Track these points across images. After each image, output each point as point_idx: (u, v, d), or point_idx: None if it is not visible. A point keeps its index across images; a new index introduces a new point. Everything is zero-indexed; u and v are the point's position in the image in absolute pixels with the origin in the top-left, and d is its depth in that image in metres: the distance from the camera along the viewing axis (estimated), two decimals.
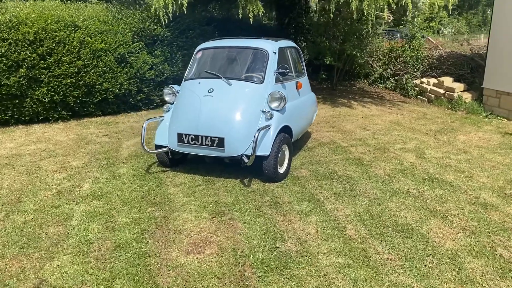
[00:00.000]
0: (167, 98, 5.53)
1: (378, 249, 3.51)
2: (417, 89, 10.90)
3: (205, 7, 11.45)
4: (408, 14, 9.72)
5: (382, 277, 3.13)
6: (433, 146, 6.52)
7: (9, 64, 7.30)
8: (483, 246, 3.56)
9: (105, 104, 8.50)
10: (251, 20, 8.21)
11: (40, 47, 7.51)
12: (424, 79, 10.93)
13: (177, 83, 5.83)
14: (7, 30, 7.31)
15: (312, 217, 4.08)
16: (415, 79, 11.20)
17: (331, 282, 3.08)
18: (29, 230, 3.87)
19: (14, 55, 7.31)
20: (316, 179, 5.08)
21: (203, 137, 4.85)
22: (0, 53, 7.20)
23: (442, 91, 10.06)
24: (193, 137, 4.90)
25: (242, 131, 4.84)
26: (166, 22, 8.32)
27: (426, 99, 10.47)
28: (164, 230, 3.86)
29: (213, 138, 4.81)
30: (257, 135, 4.63)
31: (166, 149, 5.18)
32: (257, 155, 4.72)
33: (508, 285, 3.05)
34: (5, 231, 3.85)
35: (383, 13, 8.89)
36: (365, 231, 3.81)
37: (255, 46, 5.51)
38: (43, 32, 7.55)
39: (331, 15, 8.89)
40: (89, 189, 4.83)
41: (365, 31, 11.17)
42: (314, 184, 4.94)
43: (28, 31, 7.39)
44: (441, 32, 31.85)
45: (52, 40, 7.61)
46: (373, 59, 12.67)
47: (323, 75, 12.01)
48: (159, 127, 5.34)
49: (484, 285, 3.05)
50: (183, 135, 4.96)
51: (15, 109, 7.60)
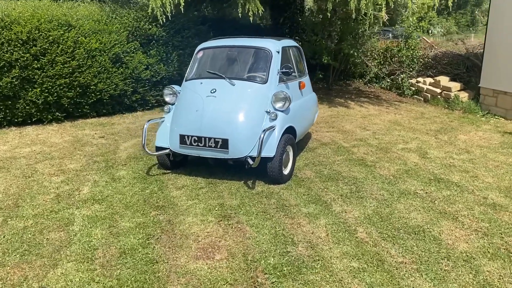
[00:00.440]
0: (167, 98, 5.39)
1: (391, 252, 3.44)
2: (413, 88, 10.89)
3: (199, 7, 11.31)
4: (408, 11, 9.70)
5: (398, 282, 3.05)
6: (434, 146, 6.48)
7: (2, 64, 7.10)
8: (497, 248, 3.50)
9: (100, 105, 8.31)
10: (251, 19, 8.10)
11: (33, 47, 7.30)
12: (420, 79, 10.91)
13: (172, 83, 5.69)
14: None
15: (321, 220, 3.99)
16: (411, 79, 11.19)
17: (347, 287, 3.00)
18: (29, 236, 3.72)
19: (6, 55, 7.11)
20: (321, 181, 5.00)
21: (206, 139, 4.73)
22: None
23: (438, 91, 10.05)
24: (196, 139, 4.78)
25: (246, 132, 4.73)
26: (163, 21, 8.18)
27: (422, 99, 10.46)
28: (170, 234, 3.74)
29: (216, 139, 4.70)
30: (262, 136, 4.53)
31: (167, 151, 5.05)
32: (262, 156, 4.61)
33: None
34: (4, 237, 3.69)
35: (380, 13, 8.85)
36: (377, 234, 3.73)
37: (258, 45, 5.39)
38: (36, 31, 7.35)
39: (328, 14, 8.82)
40: (89, 192, 4.68)
41: (361, 30, 11.13)
42: (319, 185, 4.85)
43: (21, 30, 7.19)
44: (430, 32, 32.10)
45: (45, 39, 7.41)
46: (368, 58, 12.64)
47: (320, 75, 11.95)
48: (159, 128, 5.21)
49: None
50: (186, 137, 4.83)
51: (7, 111, 7.40)
